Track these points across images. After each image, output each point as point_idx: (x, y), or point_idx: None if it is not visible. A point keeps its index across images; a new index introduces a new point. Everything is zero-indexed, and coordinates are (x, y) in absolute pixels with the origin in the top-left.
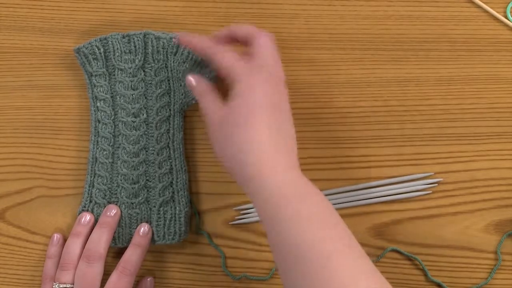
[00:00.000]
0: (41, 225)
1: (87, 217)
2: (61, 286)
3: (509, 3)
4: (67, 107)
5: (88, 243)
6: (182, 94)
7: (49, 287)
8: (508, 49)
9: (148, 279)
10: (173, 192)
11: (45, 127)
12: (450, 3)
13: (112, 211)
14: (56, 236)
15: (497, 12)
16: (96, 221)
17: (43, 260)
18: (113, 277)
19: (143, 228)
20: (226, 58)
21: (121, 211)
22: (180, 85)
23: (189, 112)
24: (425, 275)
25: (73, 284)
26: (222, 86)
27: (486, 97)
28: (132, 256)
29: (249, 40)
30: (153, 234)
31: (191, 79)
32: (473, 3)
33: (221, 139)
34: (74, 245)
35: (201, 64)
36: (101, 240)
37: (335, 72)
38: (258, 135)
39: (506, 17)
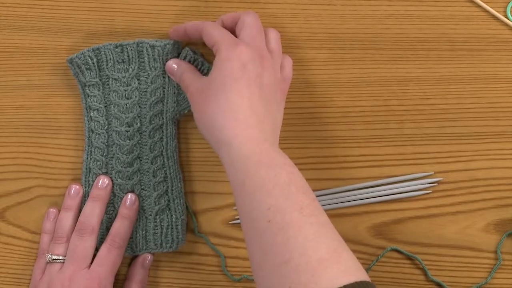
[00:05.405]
0: (41, 225)
1: (76, 188)
2: (53, 257)
3: (509, 2)
4: (67, 106)
5: (80, 216)
6: (174, 102)
7: (43, 260)
8: (508, 49)
9: (149, 256)
10: (169, 200)
11: (44, 127)
12: (450, 2)
13: (104, 183)
14: (52, 211)
15: (497, 11)
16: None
17: None
18: (103, 250)
19: (129, 199)
20: (216, 32)
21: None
22: (174, 93)
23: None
24: (425, 274)
25: (65, 256)
26: None
27: (486, 97)
28: (121, 228)
29: (236, 24)
30: (150, 242)
31: (171, 62)
32: (473, 2)
33: (200, 105)
34: (66, 219)
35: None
36: (93, 213)
37: (335, 71)
38: (236, 103)
39: (506, 17)
